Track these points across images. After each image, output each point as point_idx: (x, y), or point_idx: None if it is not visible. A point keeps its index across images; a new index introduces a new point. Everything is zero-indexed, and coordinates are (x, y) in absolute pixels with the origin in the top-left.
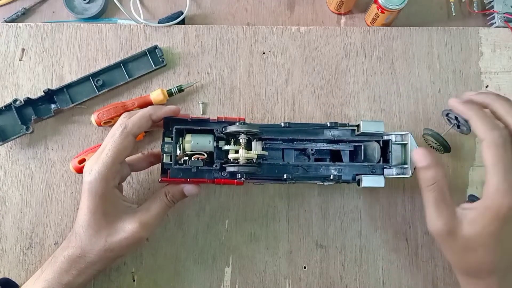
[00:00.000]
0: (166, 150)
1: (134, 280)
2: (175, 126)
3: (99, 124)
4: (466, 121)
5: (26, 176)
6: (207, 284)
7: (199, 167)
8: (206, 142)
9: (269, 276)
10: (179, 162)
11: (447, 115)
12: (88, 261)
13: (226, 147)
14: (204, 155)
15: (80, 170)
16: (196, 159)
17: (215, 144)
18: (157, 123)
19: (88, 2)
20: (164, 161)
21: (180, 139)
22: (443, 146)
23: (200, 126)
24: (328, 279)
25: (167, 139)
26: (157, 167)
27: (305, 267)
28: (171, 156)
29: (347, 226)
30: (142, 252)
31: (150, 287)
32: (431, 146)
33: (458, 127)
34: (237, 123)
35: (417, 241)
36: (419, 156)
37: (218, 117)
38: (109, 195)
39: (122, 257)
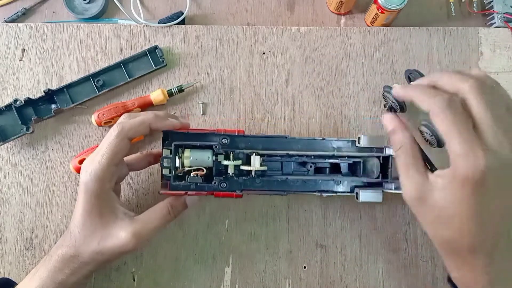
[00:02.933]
0: (165, 165)
1: (134, 280)
2: (173, 143)
3: (99, 124)
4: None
5: (26, 176)
6: (207, 284)
7: (198, 184)
8: (205, 158)
9: (269, 276)
10: (179, 174)
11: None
12: (81, 261)
13: (225, 162)
14: (203, 171)
15: (80, 170)
16: (195, 176)
17: (214, 158)
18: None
19: (89, 2)
20: (163, 173)
21: (180, 149)
22: (436, 139)
23: (199, 141)
24: (328, 279)
25: (166, 152)
26: (157, 167)
27: (305, 267)
28: (170, 169)
29: (347, 226)
30: (142, 252)
31: (150, 287)
32: (425, 139)
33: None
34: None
35: (417, 241)
36: (385, 120)
37: (217, 130)
38: (105, 196)
39: (114, 262)
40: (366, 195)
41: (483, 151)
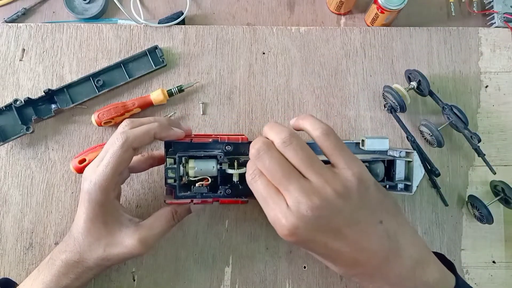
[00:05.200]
0: (170, 175)
1: (134, 280)
2: (178, 154)
3: (99, 124)
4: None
5: (26, 176)
6: (207, 284)
7: (204, 194)
8: (209, 167)
9: (269, 276)
10: (184, 183)
11: (443, 109)
12: (86, 267)
13: (230, 171)
14: (208, 180)
15: (80, 170)
16: (200, 186)
17: (218, 167)
18: None
19: (89, 2)
20: (168, 182)
21: (183, 159)
22: (437, 140)
23: (203, 151)
24: (328, 279)
25: (169, 161)
26: (157, 168)
27: (305, 267)
28: (174, 179)
29: None
30: None
31: (150, 287)
32: (425, 139)
33: (457, 127)
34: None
35: None
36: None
37: (220, 137)
38: (109, 205)
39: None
40: None
41: (284, 219)
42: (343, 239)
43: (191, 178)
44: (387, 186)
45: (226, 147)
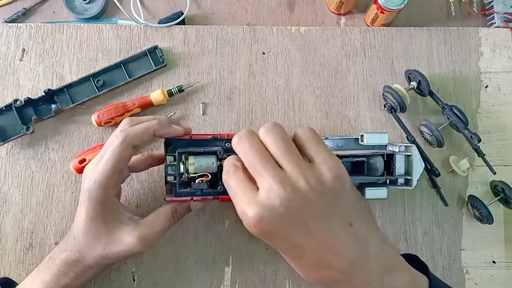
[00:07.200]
0: (169, 172)
1: (134, 280)
2: (177, 151)
3: (99, 124)
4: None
5: (26, 176)
6: (207, 284)
7: (204, 190)
8: (209, 164)
9: (269, 276)
10: (184, 180)
11: (443, 108)
12: (85, 265)
13: None
14: (208, 176)
15: (80, 170)
16: (200, 182)
17: (218, 163)
18: None
19: (89, 3)
20: (168, 180)
21: (183, 156)
22: (437, 140)
23: (203, 147)
24: None
25: (169, 158)
26: (157, 167)
27: None
28: (174, 176)
29: None
30: None
31: (150, 287)
32: (425, 139)
33: (457, 128)
34: None
35: (417, 241)
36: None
37: (220, 134)
38: (109, 204)
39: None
40: (371, 192)
41: (250, 208)
42: (309, 234)
43: (191, 175)
44: (387, 181)
45: (226, 144)
